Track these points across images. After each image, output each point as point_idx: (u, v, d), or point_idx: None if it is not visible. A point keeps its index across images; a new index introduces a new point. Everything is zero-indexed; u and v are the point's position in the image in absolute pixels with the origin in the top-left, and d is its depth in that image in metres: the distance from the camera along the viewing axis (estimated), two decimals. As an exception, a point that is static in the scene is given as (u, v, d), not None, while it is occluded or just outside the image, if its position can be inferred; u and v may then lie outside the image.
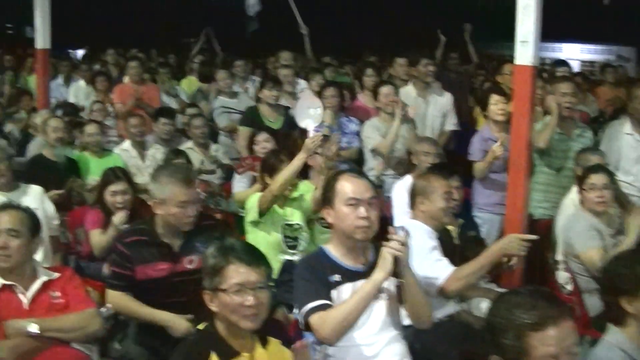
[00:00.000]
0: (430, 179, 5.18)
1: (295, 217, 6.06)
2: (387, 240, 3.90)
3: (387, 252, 3.89)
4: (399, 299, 4.12)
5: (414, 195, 5.18)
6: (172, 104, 10.53)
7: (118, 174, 6.44)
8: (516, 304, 2.75)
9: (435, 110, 8.69)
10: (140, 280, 4.75)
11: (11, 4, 21.42)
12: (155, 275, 4.76)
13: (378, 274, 3.91)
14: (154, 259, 4.77)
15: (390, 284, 4.07)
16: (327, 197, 4.12)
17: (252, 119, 8.60)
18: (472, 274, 4.84)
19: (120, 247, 4.79)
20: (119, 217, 6.07)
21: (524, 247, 4.85)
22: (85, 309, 4.45)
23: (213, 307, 3.38)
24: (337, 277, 3.99)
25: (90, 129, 8.08)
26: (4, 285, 4.37)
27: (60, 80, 12.42)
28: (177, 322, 4.65)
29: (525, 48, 5.52)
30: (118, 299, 4.78)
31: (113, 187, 6.28)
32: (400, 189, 6.49)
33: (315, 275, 4.00)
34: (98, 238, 6.21)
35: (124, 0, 23.21)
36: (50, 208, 6.43)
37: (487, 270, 4.99)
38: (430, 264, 4.76)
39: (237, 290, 3.30)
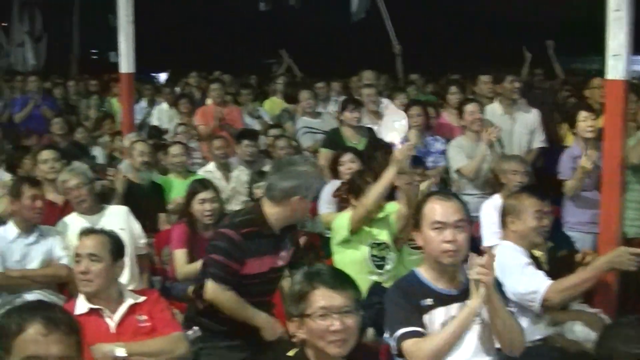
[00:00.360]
0: (521, 197, 5.08)
1: (382, 236, 5.95)
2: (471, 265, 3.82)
3: (473, 278, 3.81)
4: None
5: (505, 214, 5.08)
6: (255, 125, 10.55)
7: (206, 183, 6.52)
8: (632, 337, 2.65)
9: (522, 127, 8.49)
10: (242, 275, 4.72)
11: (95, 30, 21.90)
12: (258, 270, 4.76)
13: (474, 301, 3.84)
14: (264, 252, 4.78)
15: (483, 309, 3.96)
16: (416, 220, 4.06)
17: (334, 141, 8.54)
18: (575, 287, 4.76)
19: (237, 237, 4.71)
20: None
21: (635, 262, 4.70)
22: (171, 333, 4.43)
23: (301, 334, 3.31)
24: (429, 301, 3.92)
25: (175, 150, 8.13)
26: (91, 309, 4.38)
27: (143, 103, 12.56)
28: (275, 326, 4.68)
29: (617, 62, 5.34)
30: (221, 294, 4.71)
31: (202, 195, 6.33)
32: (488, 209, 6.36)
33: (407, 300, 3.93)
34: (182, 261, 6.21)
35: (206, 23, 23.50)
36: (137, 227, 6.48)
37: (590, 285, 4.85)
38: (527, 279, 4.70)
39: (322, 315, 3.22)
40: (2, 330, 2.85)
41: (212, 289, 4.71)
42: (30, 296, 5.72)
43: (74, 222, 6.23)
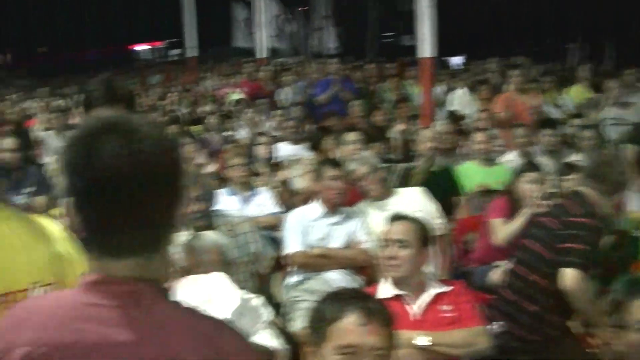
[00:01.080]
0: None
1: None
2: None
3: None
4: None
5: None
6: (557, 114, 10.16)
7: (535, 165, 6.48)
8: None
9: None
10: None
11: (390, 14, 22.22)
12: None
13: None
14: None
15: None
16: None
17: None
18: None
19: (595, 227, 4.71)
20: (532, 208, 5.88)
21: None
22: (474, 326, 4.33)
23: (617, 346, 3.12)
24: None
25: (479, 136, 8.00)
26: (396, 295, 4.37)
27: (441, 88, 12.48)
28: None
29: None
30: (584, 283, 4.64)
31: (531, 176, 6.20)
32: None
33: None
34: (502, 226, 6.13)
35: (501, 7, 23.21)
36: (433, 208, 6.45)
37: None
38: None
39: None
40: (319, 315, 2.89)
41: (576, 278, 4.62)
42: (331, 275, 5.83)
43: (367, 208, 6.30)
